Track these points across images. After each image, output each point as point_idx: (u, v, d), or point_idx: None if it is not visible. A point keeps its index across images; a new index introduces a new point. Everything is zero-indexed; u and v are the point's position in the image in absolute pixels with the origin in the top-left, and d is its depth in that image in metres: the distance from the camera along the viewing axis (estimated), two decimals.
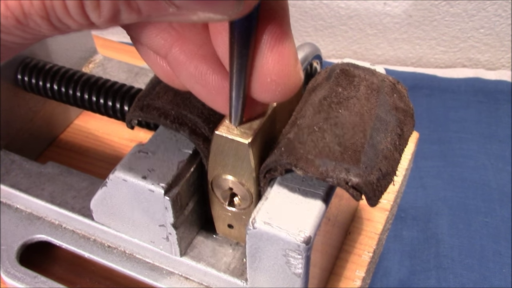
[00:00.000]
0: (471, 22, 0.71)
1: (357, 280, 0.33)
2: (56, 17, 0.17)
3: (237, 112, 0.23)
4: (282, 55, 0.20)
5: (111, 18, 0.17)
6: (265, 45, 0.20)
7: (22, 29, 0.17)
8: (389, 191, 0.36)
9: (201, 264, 0.30)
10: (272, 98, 0.22)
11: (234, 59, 0.20)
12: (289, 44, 0.21)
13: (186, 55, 0.22)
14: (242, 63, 0.20)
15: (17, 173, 0.36)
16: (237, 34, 0.19)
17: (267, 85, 0.21)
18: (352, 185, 0.23)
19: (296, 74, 0.21)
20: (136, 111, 0.28)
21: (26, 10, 0.17)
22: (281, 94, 0.21)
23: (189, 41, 0.22)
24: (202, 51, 0.22)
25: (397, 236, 0.52)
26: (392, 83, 0.28)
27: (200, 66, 0.22)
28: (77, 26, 0.17)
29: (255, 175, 0.26)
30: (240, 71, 0.21)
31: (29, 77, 0.38)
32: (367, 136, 0.25)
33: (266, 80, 0.21)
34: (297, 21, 0.75)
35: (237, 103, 0.23)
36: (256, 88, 0.22)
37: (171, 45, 0.22)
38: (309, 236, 0.24)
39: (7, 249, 0.34)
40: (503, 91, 0.68)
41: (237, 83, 0.21)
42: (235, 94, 0.22)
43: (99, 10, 0.17)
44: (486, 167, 0.58)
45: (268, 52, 0.20)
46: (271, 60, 0.21)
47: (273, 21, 0.20)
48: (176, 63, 0.22)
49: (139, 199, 0.28)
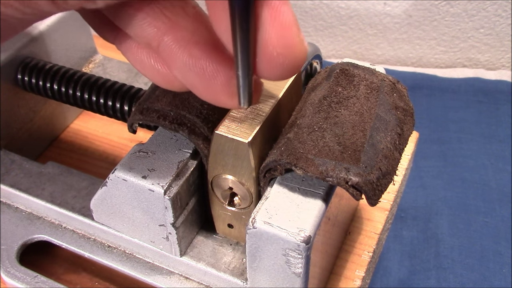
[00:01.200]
0: (471, 22, 0.71)
1: (357, 280, 0.33)
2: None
3: (246, 92, 0.22)
4: (284, 26, 0.20)
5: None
6: (265, 19, 0.20)
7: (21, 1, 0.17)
8: (389, 191, 0.36)
9: (201, 263, 0.30)
10: (281, 73, 0.21)
11: (237, 35, 0.20)
12: (289, 13, 0.20)
13: (179, 43, 0.22)
14: (245, 37, 0.20)
15: (17, 173, 0.36)
16: (237, 6, 0.19)
17: (274, 60, 0.21)
18: (352, 184, 0.23)
19: (301, 43, 0.21)
20: (136, 115, 0.28)
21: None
22: (289, 66, 0.21)
23: (182, 29, 0.22)
24: (194, 38, 0.22)
25: (397, 236, 0.52)
26: (392, 82, 0.28)
27: (194, 52, 0.22)
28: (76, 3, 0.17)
29: (255, 174, 0.26)
30: (244, 46, 0.20)
31: (29, 77, 0.38)
32: (367, 135, 0.25)
33: (273, 55, 0.20)
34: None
35: (245, 82, 0.22)
36: (263, 65, 0.21)
37: (163, 33, 0.22)
38: (309, 235, 0.24)
39: (7, 249, 0.34)
40: (503, 91, 0.68)
41: (242, 60, 0.21)
42: (241, 73, 0.21)
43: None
44: (486, 167, 0.58)
45: (270, 25, 0.20)
46: (274, 33, 0.20)
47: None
48: (169, 52, 0.22)
49: (139, 199, 0.28)
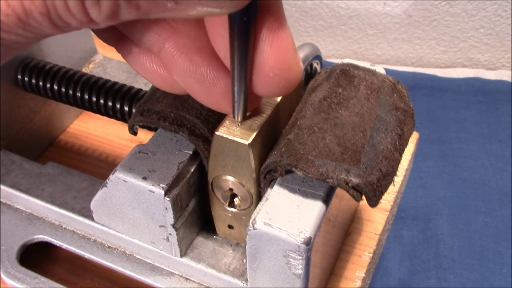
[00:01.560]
0: (471, 22, 0.71)
1: (357, 280, 0.33)
2: (57, 15, 0.17)
3: (240, 107, 0.23)
4: (282, 48, 0.21)
5: (110, 14, 0.17)
6: (264, 40, 0.21)
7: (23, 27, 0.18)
8: (389, 192, 0.36)
9: (201, 264, 0.30)
10: (276, 92, 0.22)
11: (235, 53, 0.20)
12: (287, 36, 0.21)
13: (180, 49, 0.22)
14: (242, 57, 0.20)
15: (17, 173, 0.36)
16: (237, 29, 0.20)
17: (270, 80, 0.21)
18: (352, 185, 0.23)
19: (297, 65, 0.22)
20: (137, 117, 0.28)
21: (27, 7, 0.17)
22: (284, 86, 0.22)
23: (183, 35, 0.22)
24: (196, 45, 0.22)
25: (397, 236, 0.52)
26: (392, 83, 0.28)
27: (195, 58, 0.22)
28: (78, 23, 0.18)
29: (255, 175, 0.26)
30: (241, 65, 0.21)
31: (29, 77, 0.38)
32: (367, 136, 0.25)
33: (269, 75, 0.21)
34: (297, 21, 0.75)
35: (240, 97, 0.23)
36: (259, 84, 0.22)
37: (165, 40, 0.22)
38: (309, 237, 0.24)
39: (7, 250, 0.34)
40: (503, 91, 0.68)
41: (238, 78, 0.21)
42: (237, 89, 0.22)
43: (99, 7, 0.17)
44: (486, 167, 0.58)
45: (268, 47, 0.21)
46: (272, 55, 0.21)
47: (268, 14, 0.20)
48: (170, 58, 0.22)
49: (140, 200, 0.28)
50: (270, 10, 0.20)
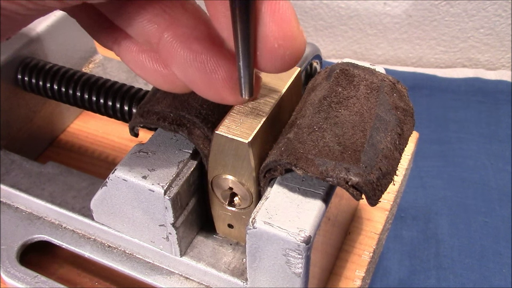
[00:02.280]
0: (471, 22, 0.71)
1: (357, 280, 0.33)
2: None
3: (247, 83, 0.23)
4: (284, 18, 0.20)
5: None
6: (265, 12, 0.20)
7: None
8: (389, 191, 0.36)
9: (201, 264, 0.30)
10: (282, 65, 0.22)
11: (238, 28, 0.20)
12: (288, 6, 0.20)
13: (179, 38, 0.22)
14: (245, 30, 0.20)
15: (17, 173, 0.36)
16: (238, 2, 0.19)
17: (275, 52, 0.21)
18: (352, 184, 0.23)
19: (301, 35, 0.21)
20: (137, 118, 0.29)
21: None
22: (289, 58, 0.21)
23: (181, 25, 0.22)
24: (194, 34, 0.22)
25: (397, 236, 0.52)
26: (392, 82, 0.28)
27: (194, 47, 0.22)
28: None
29: (255, 174, 0.26)
30: (245, 38, 0.21)
31: (29, 77, 0.38)
32: (367, 135, 0.25)
33: (274, 47, 0.21)
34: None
35: (246, 73, 0.22)
36: (265, 58, 0.21)
37: (163, 30, 0.22)
38: (309, 235, 0.24)
39: (7, 249, 0.34)
40: (503, 91, 0.68)
41: (243, 51, 0.21)
42: (242, 64, 0.22)
43: None
44: (486, 167, 0.58)
45: (270, 18, 0.20)
46: (275, 26, 0.20)
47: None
48: (170, 48, 0.22)
49: (139, 199, 0.28)
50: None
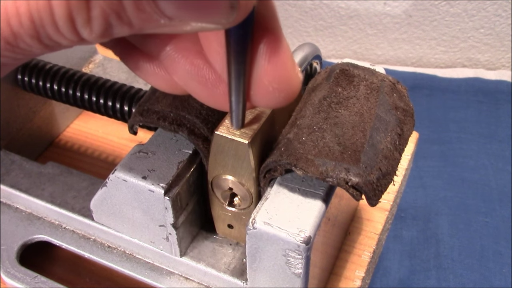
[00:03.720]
0: (471, 22, 0.71)
1: (357, 280, 0.33)
2: (47, 36, 0.17)
3: (238, 116, 0.24)
4: (281, 62, 0.20)
5: (102, 33, 0.17)
6: (262, 55, 0.20)
7: (12, 50, 0.17)
8: (389, 191, 0.36)
9: (201, 264, 0.30)
10: (275, 104, 0.22)
11: (232, 66, 0.20)
12: (285, 50, 0.21)
13: (181, 52, 0.22)
14: (240, 70, 0.20)
15: (17, 173, 0.36)
16: (233, 42, 0.19)
17: (269, 94, 0.21)
18: (352, 185, 0.23)
19: (296, 77, 0.21)
20: (136, 117, 0.29)
21: (15, 30, 0.16)
22: (284, 99, 0.21)
23: (183, 38, 0.22)
24: (196, 47, 0.22)
25: (397, 236, 0.52)
26: (392, 82, 0.28)
27: (196, 61, 0.22)
28: (69, 43, 0.17)
29: (255, 175, 0.26)
30: (239, 77, 0.21)
31: (29, 77, 0.38)
32: (367, 135, 0.25)
33: (268, 89, 0.21)
34: (297, 21, 0.75)
35: (237, 107, 0.23)
36: (258, 97, 0.22)
37: (165, 43, 0.22)
38: (309, 236, 0.24)
39: (7, 249, 0.34)
40: (503, 91, 0.68)
41: (236, 89, 0.21)
42: (234, 99, 0.22)
43: (90, 26, 0.16)
44: (486, 167, 0.58)
45: (266, 62, 0.20)
46: (271, 70, 0.20)
47: (265, 28, 0.20)
48: (171, 61, 0.22)
49: (139, 199, 0.28)
50: (267, 24, 0.20)
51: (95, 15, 0.16)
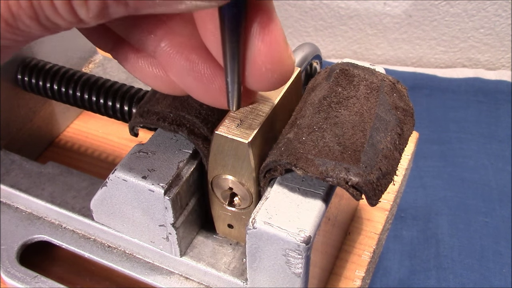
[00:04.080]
0: (471, 22, 0.71)
1: (357, 280, 0.33)
2: (45, 16, 0.17)
3: (234, 97, 0.23)
4: (274, 42, 0.21)
5: (99, 13, 0.17)
6: (255, 35, 0.20)
7: (12, 31, 0.17)
8: (389, 191, 0.36)
9: (201, 264, 0.30)
10: (270, 86, 0.22)
11: (227, 47, 0.20)
12: (277, 30, 0.21)
13: (176, 48, 0.22)
14: (234, 49, 0.20)
15: (17, 173, 0.36)
16: (227, 21, 0.20)
17: (263, 75, 0.21)
18: (352, 184, 0.23)
19: (289, 58, 0.21)
20: (137, 118, 0.29)
21: (14, 11, 0.17)
22: (277, 80, 0.22)
23: (178, 34, 0.22)
24: (191, 42, 0.22)
25: (397, 236, 0.52)
26: (391, 82, 0.28)
27: (191, 56, 0.22)
28: (66, 24, 0.17)
29: (255, 175, 0.26)
30: (233, 59, 0.21)
31: (29, 77, 0.38)
32: (367, 135, 0.25)
33: (262, 70, 0.21)
34: (297, 21, 0.75)
35: (233, 88, 0.23)
36: (252, 79, 0.22)
37: (160, 39, 0.22)
38: (309, 236, 0.24)
39: (7, 249, 0.34)
40: (503, 91, 0.68)
41: (231, 68, 0.21)
42: (230, 79, 0.22)
43: (87, 6, 0.17)
44: (486, 167, 0.58)
45: (259, 42, 0.20)
46: (264, 50, 0.21)
47: (258, 8, 0.20)
48: (167, 57, 0.22)
49: (139, 199, 0.28)
50: (260, 4, 0.20)
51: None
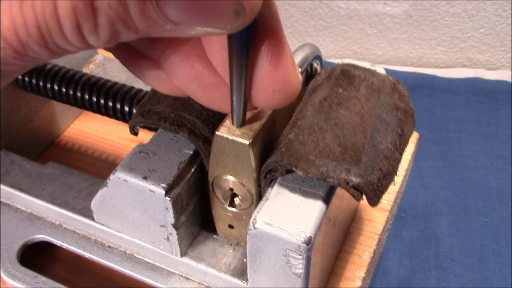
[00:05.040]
0: (471, 22, 0.71)
1: (357, 280, 0.33)
2: (54, 44, 0.17)
3: (239, 115, 0.24)
4: (282, 65, 0.21)
5: (109, 39, 0.17)
6: (263, 58, 0.20)
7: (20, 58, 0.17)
8: (389, 192, 0.36)
9: (202, 264, 0.30)
10: (276, 106, 0.22)
11: (234, 68, 0.20)
12: (286, 53, 0.21)
13: (181, 55, 0.22)
14: (241, 71, 0.21)
15: (17, 173, 0.36)
16: (236, 45, 0.20)
17: (270, 96, 0.22)
18: (353, 185, 0.23)
19: (296, 79, 0.22)
20: (137, 117, 0.29)
21: (23, 40, 0.17)
22: (284, 101, 0.22)
23: (183, 42, 0.22)
24: (197, 51, 0.22)
25: (397, 236, 0.52)
26: (392, 83, 0.28)
27: (196, 65, 0.22)
28: (76, 49, 0.17)
29: (255, 175, 0.26)
30: (240, 79, 0.21)
31: (29, 77, 0.38)
32: (368, 136, 0.25)
33: (269, 91, 0.21)
34: (297, 21, 0.75)
35: (239, 107, 0.23)
36: (259, 98, 0.22)
37: (166, 46, 0.22)
38: (309, 236, 0.24)
39: (7, 249, 0.34)
40: (503, 91, 0.68)
41: (237, 89, 0.22)
42: (236, 99, 0.22)
43: (97, 33, 0.16)
44: (486, 167, 0.58)
45: (268, 65, 0.21)
46: (272, 73, 0.21)
47: (267, 30, 0.20)
48: (171, 65, 0.22)
49: (140, 200, 0.28)
50: (269, 26, 0.20)
51: (101, 22, 0.16)
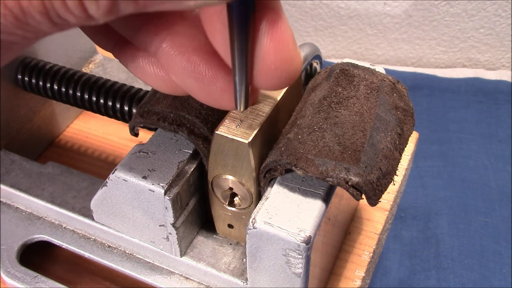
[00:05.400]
0: (471, 22, 0.71)
1: (357, 280, 0.33)
2: (55, 12, 0.17)
3: (242, 97, 0.23)
4: (283, 40, 0.21)
5: (109, 9, 0.17)
6: (264, 33, 0.20)
7: (22, 27, 0.17)
8: (389, 191, 0.36)
9: (201, 264, 0.30)
10: (278, 85, 0.22)
11: (235, 46, 0.20)
12: (286, 28, 0.21)
13: (177, 48, 0.22)
14: (243, 48, 0.20)
15: (17, 173, 0.36)
16: (236, 19, 0.19)
17: (272, 73, 0.21)
18: (352, 184, 0.23)
19: (298, 57, 0.21)
20: (137, 118, 0.29)
21: (25, 7, 0.17)
22: (286, 79, 0.22)
23: (180, 35, 0.22)
24: (193, 44, 0.22)
25: (397, 236, 0.52)
26: (392, 82, 0.28)
27: (193, 58, 0.22)
28: (76, 20, 0.17)
29: (255, 175, 0.26)
30: (242, 56, 0.21)
31: (29, 77, 0.38)
32: (367, 135, 0.25)
33: (271, 69, 0.21)
34: (297, 21, 0.75)
35: (241, 87, 0.22)
36: (261, 77, 0.22)
37: (162, 39, 0.22)
38: (309, 236, 0.24)
39: (7, 249, 0.34)
40: (503, 91, 0.68)
41: (239, 68, 0.21)
42: (238, 79, 0.22)
43: (97, 3, 0.17)
44: (486, 167, 0.58)
45: (268, 40, 0.20)
46: (273, 48, 0.21)
47: (266, 6, 0.20)
48: (168, 58, 0.22)
49: (139, 199, 0.28)
50: (268, 2, 0.20)
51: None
